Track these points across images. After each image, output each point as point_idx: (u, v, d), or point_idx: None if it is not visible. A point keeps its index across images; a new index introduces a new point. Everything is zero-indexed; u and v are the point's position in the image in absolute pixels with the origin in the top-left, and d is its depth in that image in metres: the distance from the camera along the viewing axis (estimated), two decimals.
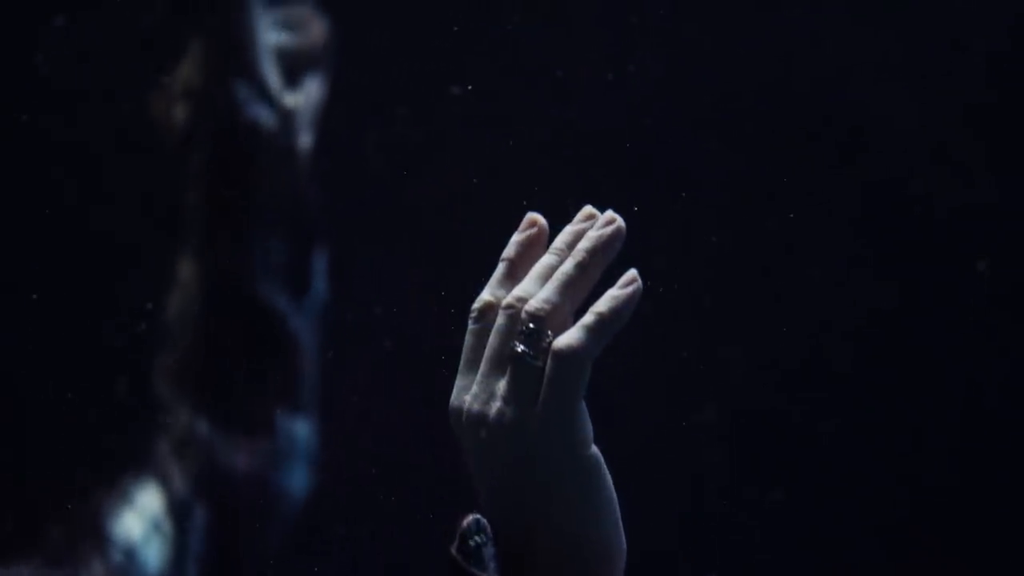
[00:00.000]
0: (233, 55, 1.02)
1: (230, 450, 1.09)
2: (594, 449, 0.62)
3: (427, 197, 1.56)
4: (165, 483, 1.11)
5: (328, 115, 1.29)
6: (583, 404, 0.62)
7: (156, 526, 1.11)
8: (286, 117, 1.16)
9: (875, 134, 1.46)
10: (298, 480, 1.09)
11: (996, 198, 1.40)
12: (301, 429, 1.07)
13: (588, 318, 0.62)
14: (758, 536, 1.35)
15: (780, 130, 1.47)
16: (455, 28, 1.51)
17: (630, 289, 0.62)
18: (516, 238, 0.67)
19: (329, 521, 1.20)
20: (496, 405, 0.62)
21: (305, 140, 1.06)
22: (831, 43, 1.45)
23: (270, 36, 1.03)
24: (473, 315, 0.65)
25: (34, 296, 1.19)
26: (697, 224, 1.50)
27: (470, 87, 1.51)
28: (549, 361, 0.61)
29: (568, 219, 0.68)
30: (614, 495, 0.63)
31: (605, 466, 0.63)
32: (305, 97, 1.07)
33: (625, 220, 0.66)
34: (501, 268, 0.66)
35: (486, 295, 0.65)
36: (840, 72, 1.45)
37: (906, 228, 1.44)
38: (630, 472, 0.72)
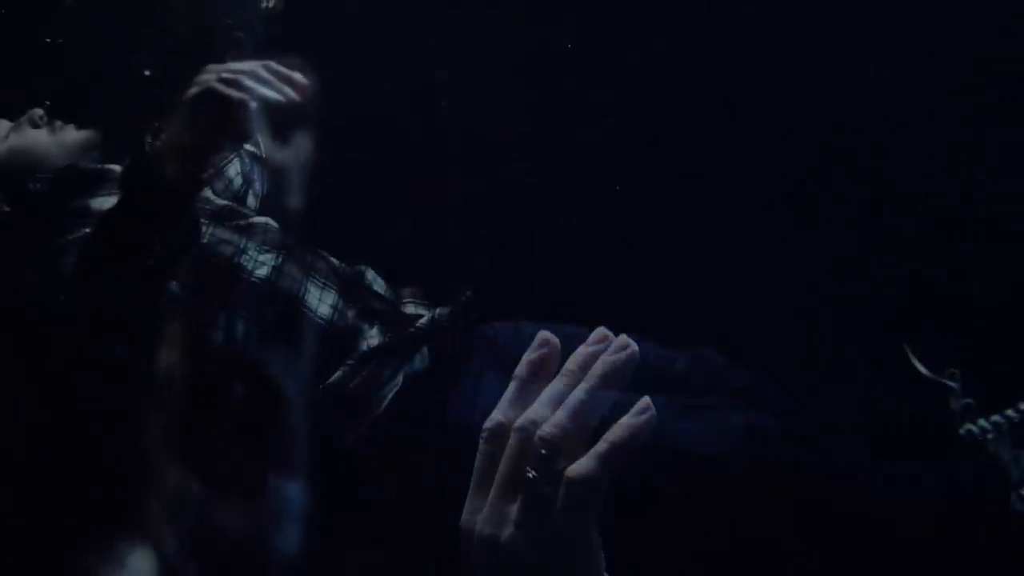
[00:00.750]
0: (223, 111, 1.00)
1: (222, 511, 1.07)
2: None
3: (426, 201, 1.55)
4: (156, 544, 1.09)
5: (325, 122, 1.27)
6: (595, 531, 0.60)
7: None
8: (276, 173, 1.13)
9: (876, 134, 1.46)
10: (290, 540, 1.08)
11: (996, 198, 1.40)
12: (293, 490, 1.06)
13: (601, 446, 0.59)
14: (758, 536, 1.37)
15: (781, 130, 1.46)
16: (450, 27, 1.50)
17: (643, 418, 0.60)
18: (528, 357, 0.64)
19: None
20: (508, 530, 0.60)
21: (295, 197, 1.04)
22: (832, 43, 1.43)
23: (259, 92, 1.00)
24: (484, 435, 0.63)
25: (22, 357, 1.18)
26: (697, 223, 1.50)
27: (466, 86, 1.49)
28: (562, 488, 0.59)
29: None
30: None
31: None
32: (294, 153, 1.04)
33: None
34: (513, 387, 0.63)
35: (498, 415, 0.63)
36: (841, 72, 1.44)
37: (906, 228, 1.44)
38: (631, 472, 0.73)
